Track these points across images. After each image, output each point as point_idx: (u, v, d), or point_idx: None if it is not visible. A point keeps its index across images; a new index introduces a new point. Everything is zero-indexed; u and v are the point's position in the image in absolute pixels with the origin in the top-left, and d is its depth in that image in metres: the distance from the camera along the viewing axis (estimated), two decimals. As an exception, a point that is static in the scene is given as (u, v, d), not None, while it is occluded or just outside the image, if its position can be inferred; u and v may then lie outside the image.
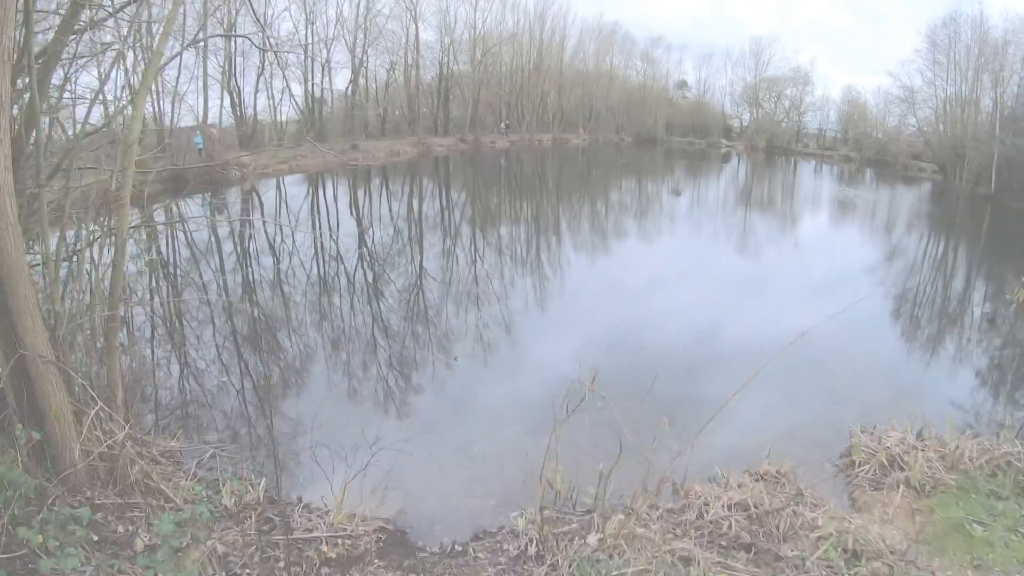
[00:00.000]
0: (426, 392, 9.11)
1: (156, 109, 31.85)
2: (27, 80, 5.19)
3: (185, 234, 18.68)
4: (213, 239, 18.23)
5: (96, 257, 6.46)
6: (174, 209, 16.65)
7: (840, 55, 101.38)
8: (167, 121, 31.87)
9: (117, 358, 6.17)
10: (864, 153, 59.15)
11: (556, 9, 62.83)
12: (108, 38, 6.79)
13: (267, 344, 10.71)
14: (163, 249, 16.76)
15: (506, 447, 7.58)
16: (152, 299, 12.49)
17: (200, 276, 14.83)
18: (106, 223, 6.56)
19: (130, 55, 8.06)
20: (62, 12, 5.70)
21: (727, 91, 76.64)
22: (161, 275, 14.39)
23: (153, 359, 9.61)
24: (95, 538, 4.96)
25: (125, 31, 6.59)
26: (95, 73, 7.48)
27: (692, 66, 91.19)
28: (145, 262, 12.61)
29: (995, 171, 35.46)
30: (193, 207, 22.25)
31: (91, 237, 6.43)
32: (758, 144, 69.02)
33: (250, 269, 15.41)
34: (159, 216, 20.56)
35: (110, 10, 6.07)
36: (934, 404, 8.94)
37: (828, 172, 52.05)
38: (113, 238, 6.03)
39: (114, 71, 6.82)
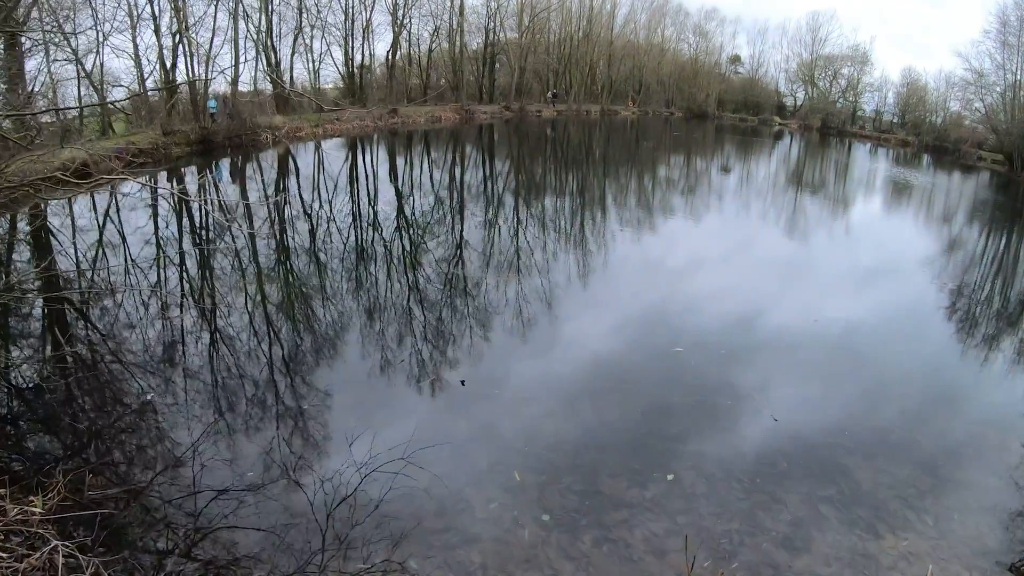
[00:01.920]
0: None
1: (189, 71, 30.35)
2: None
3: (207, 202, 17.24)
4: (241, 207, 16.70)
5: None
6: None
7: (901, 35, 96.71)
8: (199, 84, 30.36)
9: None
10: (922, 138, 56.01)
11: (607, -24, 60.20)
12: None
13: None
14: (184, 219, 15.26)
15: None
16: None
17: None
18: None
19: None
20: None
21: (781, 67, 73.97)
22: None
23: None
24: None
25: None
26: None
27: (746, 40, 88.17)
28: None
29: None
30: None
31: None
32: (812, 124, 65.97)
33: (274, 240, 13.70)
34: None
35: None
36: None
37: (884, 155, 48.85)
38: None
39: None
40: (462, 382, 7.48)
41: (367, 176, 22.54)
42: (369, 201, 17.91)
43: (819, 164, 40.74)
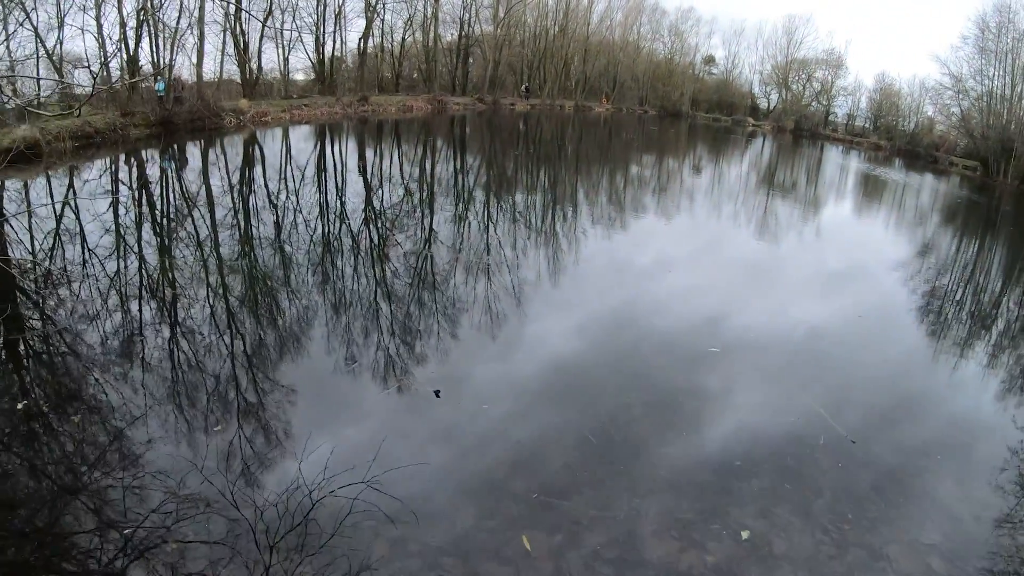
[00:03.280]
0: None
1: (153, 52, 29.67)
2: None
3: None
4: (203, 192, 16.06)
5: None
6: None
7: (876, 41, 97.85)
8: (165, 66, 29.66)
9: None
10: (895, 142, 56.87)
11: (584, -30, 60.11)
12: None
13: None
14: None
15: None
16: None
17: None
18: None
19: None
20: None
21: (756, 69, 74.30)
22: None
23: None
24: None
25: None
26: None
27: (721, 40, 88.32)
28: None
29: None
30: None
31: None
32: (785, 125, 66.39)
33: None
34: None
35: None
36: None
37: (857, 157, 49.60)
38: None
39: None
40: (436, 392, 6.52)
41: (334, 165, 21.54)
42: (337, 192, 16.97)
43: (794, 163, 40.90)
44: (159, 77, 27.91)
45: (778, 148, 50.28)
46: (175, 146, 23.47)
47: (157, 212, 14.02)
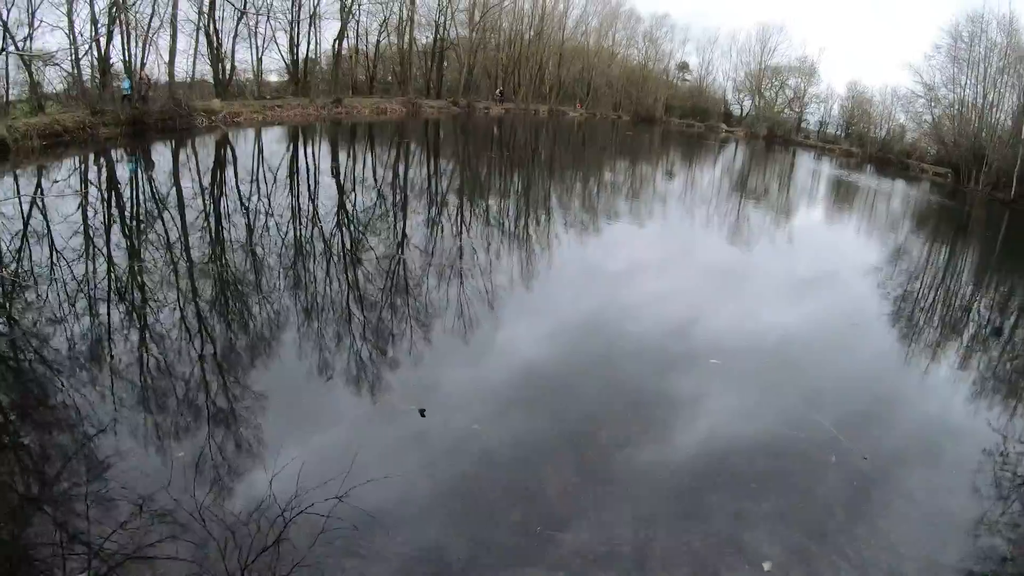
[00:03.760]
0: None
1: (125, 50, 29.28)
2: None
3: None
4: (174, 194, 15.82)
5: None
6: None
7: (849, 50, 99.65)
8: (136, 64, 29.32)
9: None
10: (866, 149, 58.15)
11: (561, -25, 60.38)
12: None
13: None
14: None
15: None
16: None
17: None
18: None
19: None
20: None
21: (730, 76, 75.04)
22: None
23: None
24: None
25: None
26: None
27: (695, 47, 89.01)
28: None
29: (1016, 177, 34.12)
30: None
31: None
32: (759, 132, 67.33)
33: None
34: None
35: None
36: None
37: (829, 163, 50.65)
38: None
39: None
40: (422, 412, 6.22)
41: (307, 168, 21.24)
42: (309, 195, 16.74)
43: (767, 168, 41.61)
44: (125, 76, 27.57)
45: (751, 154, 50.95)
46: (143, 147, 23.04)
47: (124, 214, 13.65)
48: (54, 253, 10.03)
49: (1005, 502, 5.97)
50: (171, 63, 29.87)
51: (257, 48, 40.44)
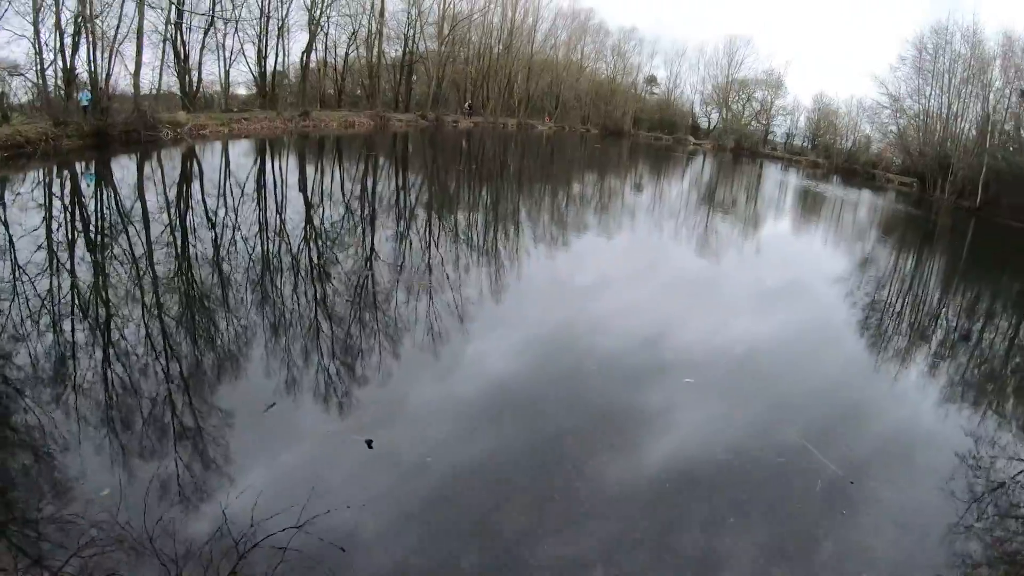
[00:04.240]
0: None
1: (91, 61, 28.85)
2: None
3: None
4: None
5: None
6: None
7: (815, 63, 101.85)
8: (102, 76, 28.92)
9: None
10: (832, 160, 59.47)
11: (530, -11, 60.92)
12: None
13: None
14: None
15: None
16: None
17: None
18: None
19: None
20: None
21: (697, 89, 76.25)
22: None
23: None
24: None
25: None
26: None
27: (663, 60, 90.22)
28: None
29: (982, 185, 35.16)
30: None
31: None
32: (726, 144, 68.44)
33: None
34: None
35: None
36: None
37: (796, 174, 51.74)
38: None
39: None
40: (368, 443, 5.95)
41: (274, 181, 21.07)
42: (276, 209, 16.67)
43: (735, 180, 42.34)
44: (85, 87, 27.25)
45: (719, 165, 51.71)
46: (104, 159, 22.71)
47: (87, 228, 13.37)
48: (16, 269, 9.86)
49: (979, 506, 6.06)
50: (136, 74, 29.49)
51: (225, 60, 40.27)
